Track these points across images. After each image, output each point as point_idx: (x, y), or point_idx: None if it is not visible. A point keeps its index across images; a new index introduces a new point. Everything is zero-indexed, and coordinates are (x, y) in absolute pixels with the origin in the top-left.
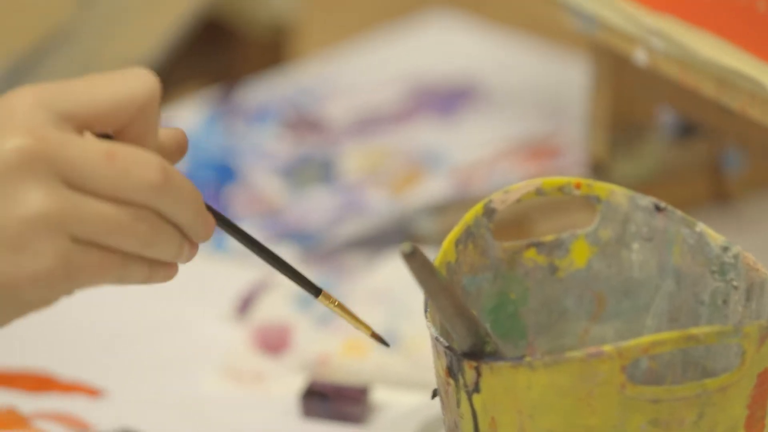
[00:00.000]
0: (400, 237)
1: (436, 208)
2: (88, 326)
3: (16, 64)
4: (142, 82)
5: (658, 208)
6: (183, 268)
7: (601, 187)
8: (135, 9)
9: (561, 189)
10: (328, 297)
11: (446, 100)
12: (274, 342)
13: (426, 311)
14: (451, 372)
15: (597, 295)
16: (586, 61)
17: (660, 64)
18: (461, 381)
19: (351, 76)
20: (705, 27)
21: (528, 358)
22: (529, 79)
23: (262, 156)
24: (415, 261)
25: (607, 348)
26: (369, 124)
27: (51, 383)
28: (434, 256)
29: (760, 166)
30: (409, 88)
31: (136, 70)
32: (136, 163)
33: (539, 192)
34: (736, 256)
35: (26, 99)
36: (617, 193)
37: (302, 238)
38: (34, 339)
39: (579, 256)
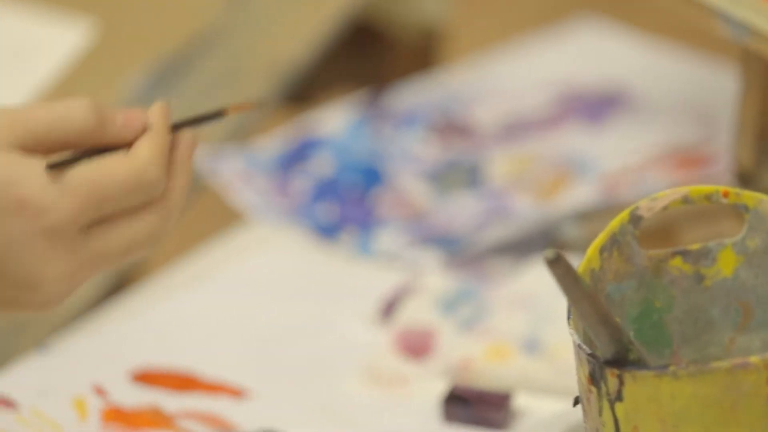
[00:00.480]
0: (544, 243)
1: (581, 214)
2: (232, 327)
3: (166, 65)
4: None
5: None
6: (328, 271)
7: (750, 196)
8: (285, 10)
9: (708, 197)
10: (235, 108)
11: (594, 106)
12: (417, 346)
13: (569, 318)
14: (594, 379)
15: (743, 305)
16: (736, 68)
17: None
18: (604, 389)
19: (499, 81)
20: None
21: (672, 367)
22: (679, 87)
23: (409, 160)
24: (559, 267)
25: (753, 359)
26: (516, 129)
27: (195, 383)
28: (579, 262)
29: None
30: (557, 93)
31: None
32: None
33: (686, 200)
34: None
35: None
36: (765, 202)
37: (447, 242)
38: (179, 339)
39: (726, 265)
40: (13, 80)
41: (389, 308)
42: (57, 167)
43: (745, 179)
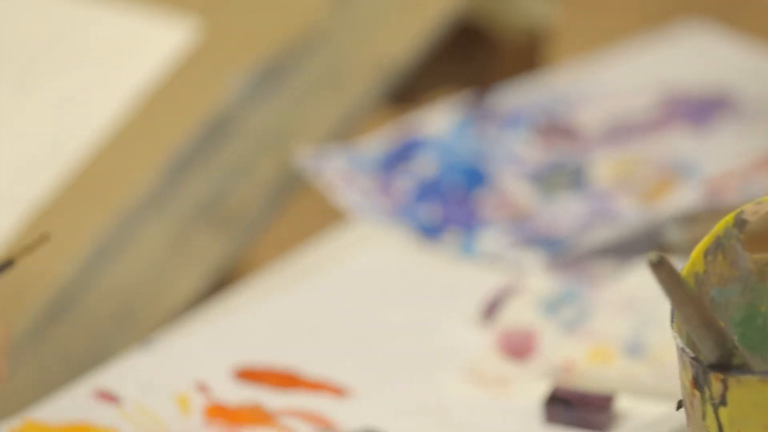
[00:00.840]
0: (648, 246)
1: (686, 217)
2: (334, 326)
3: (269, 65)
4: None
5: None
6: (430, 271)
7: None
8: (389, 10)
9: None
10: (22, 251)
11: (700, 109)
12: (519, 347)
13: (672, 321)
14: (697, 384)
15: None
16: None
17: None
18: (707, 393)
19: (604, 83)
20: None
21: None
22: None
23: (513, 161)
24: (663, 271)
25: None
26: (621, 131)
27: (297, 381)
28: (683, 266)
29: None
30: (662, 96)
31: None
32: None
33: None
34: None
35: None
36: None
37: (550, 244)
38: (281, 336)
39: None
40: (115, 80)
41: (491, 309)
42: None
43: None
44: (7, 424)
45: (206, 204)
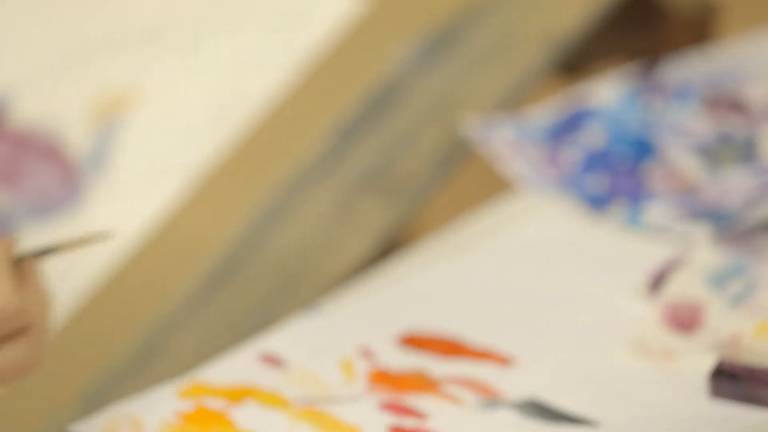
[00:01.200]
0: None
1: None
2: (499, 295)
3: (437, 35)
4: None
5: None
6: (596, 242)
7: None
8: None
9: None
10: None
11: None
12: (685, 320)
13: None
14: None
15: None
16: None
17: None
18: None
19: None
20: None
21: None
22: None
23: (681, 134)
24: None
25: None
26: None
27: (461, 349)
28: None
29: None
30: None
31: None
32: None
33: None
34: None
35: None
36: None
37: (718, 218)
38: (447, 304)
39: None
40: (285, 46)
41: (658, 281)
42: None
43: None
44: (174, 384)
45: (373, 171)
